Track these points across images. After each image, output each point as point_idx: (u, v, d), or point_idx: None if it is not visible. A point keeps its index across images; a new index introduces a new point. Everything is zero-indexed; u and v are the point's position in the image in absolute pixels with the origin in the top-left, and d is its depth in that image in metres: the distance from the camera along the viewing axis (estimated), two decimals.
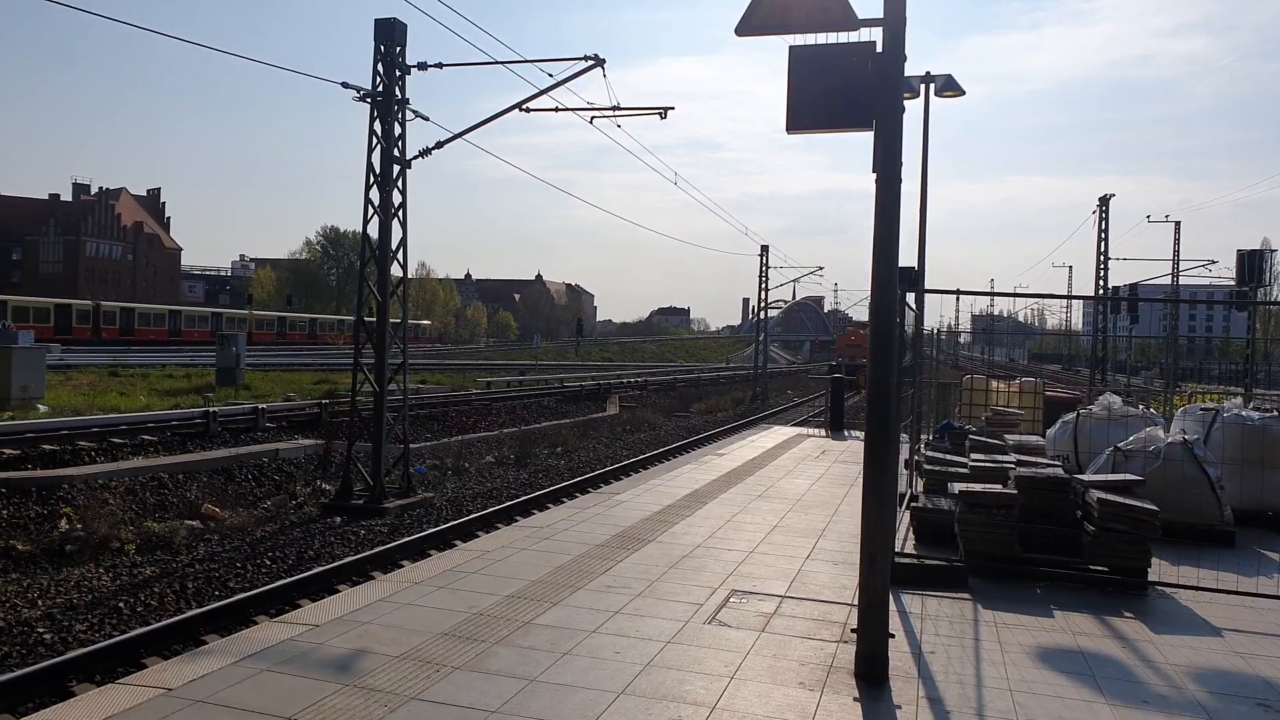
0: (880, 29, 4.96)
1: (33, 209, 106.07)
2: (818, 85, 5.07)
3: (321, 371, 39.08)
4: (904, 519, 8.66)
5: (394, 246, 16.97)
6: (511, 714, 4.28)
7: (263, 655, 4.89)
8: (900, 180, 5.02)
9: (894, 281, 5.10)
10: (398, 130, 17.04)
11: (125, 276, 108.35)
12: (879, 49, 4.95)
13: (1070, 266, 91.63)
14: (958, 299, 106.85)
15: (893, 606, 6.18)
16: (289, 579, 9.37)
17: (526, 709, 4.34)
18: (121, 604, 8.77)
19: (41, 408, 19.85)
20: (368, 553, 10.57)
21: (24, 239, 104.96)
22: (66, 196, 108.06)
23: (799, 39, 5.14)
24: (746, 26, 5.22)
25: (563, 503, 12.74)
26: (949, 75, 18.97)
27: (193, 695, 4.32)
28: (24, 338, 29.88)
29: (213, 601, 8.83)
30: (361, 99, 16.79)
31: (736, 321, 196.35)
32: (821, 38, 5.11)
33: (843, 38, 5.08)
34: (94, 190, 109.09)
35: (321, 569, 9.79)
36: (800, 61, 5.10)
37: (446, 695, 4.46)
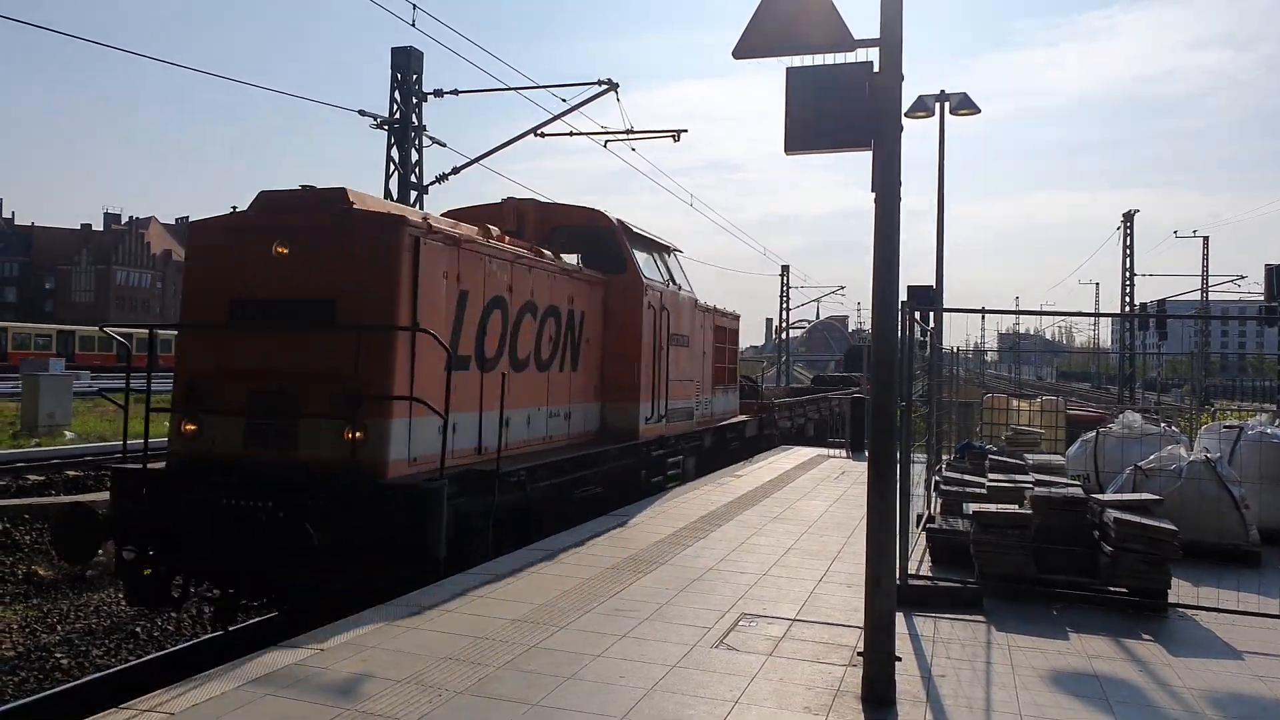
0: (877, 49, 4.97)
1: (66, 239, 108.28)
2: (815, 106, 5.08)
3: None
4: (920, 540, 8.57)
5: None
6: None
7: (267, 680, 4.90)
8: (899, 199, 5.01)
9: (895, 301, 5.07)
10: (415, 156, 17.25)
11: (154, 304, 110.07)
12: (875, 69, 4.95)
13: (1097, 284, 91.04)
14: (983, 318, 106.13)
15: (904, 629, 6.12)
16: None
17: None
18: (139, 629, 8.84)
19: (68, 434, 20.14)
20: None
21: (57, 268, 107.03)
22: (98, 226, 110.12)
23: (797, 60, 5.16)
24: (744, 49, 5.24)
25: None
26: (964, 93, 18.97)
27: None
28: (54, 365, 30.39)
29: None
30: (379, 126, 17.03)
31: (760, 341, 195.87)
32: (819, 59, 5.14)
33: (840, 58, 5.10)
34: (124, 219, 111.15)
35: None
36: (797, 83, 5.12)
37: (447, 719, 4.45)
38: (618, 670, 5.26)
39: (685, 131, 21.20)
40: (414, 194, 18.33)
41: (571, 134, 20.01)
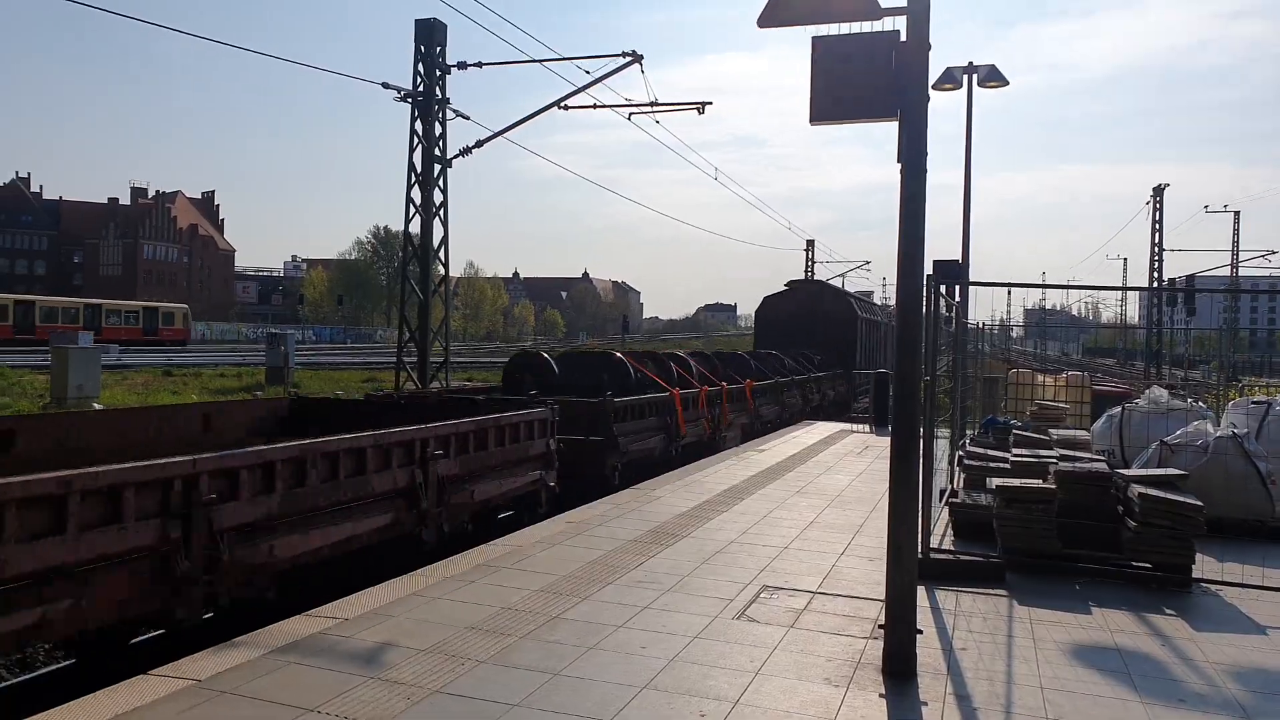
0: (904, 18, 4.89)
1: (93, 213, 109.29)
2: (841, 76, 5.01)
3: (366, 369, 39.70)
4: (943, 514, 8.55)
5: (436, 245, 17.14)
6: (532, 707, 4.31)
7: (291, 648, 4.98)
8: (925, 172, 4.95)
9: (919, 274, 5.03)
10: (438, 129, 17.22)
11: (181, 278, 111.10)
12: (902, 38, 4.88)
13: (1125, 259, 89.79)
14: (1009, 293, 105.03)
15: (926, 602, 6.13)
16: None
17: (547, 702, 4.37)
18: None
19: (96, 406, 20.43)
20: None
21: (84, 242, 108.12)
22: (125, 200, 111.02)
23: (823, 30, 5.09)
24: (769, 18, 5.18)
25: (602, 499, 12.77)
26: (992, 65, 18.66)
27: (220, 686, 4.41)
28: (83, 339, 30.78)
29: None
30: (402, 99, 17.00)
31: None
32: (845, 28, 5.07)
33: (866, 27, 5.03)
34: (151, 194, 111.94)
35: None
36: (823, 52, 5.05)
37: (469, 689, 4.50)
38: (639, 641, 5.30)
39: (710, 104, 21.05)
40: (437, 167, 18.33)
41: (595, 106, 19.91)
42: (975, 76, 19.60)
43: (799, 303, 32.78)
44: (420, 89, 17.84)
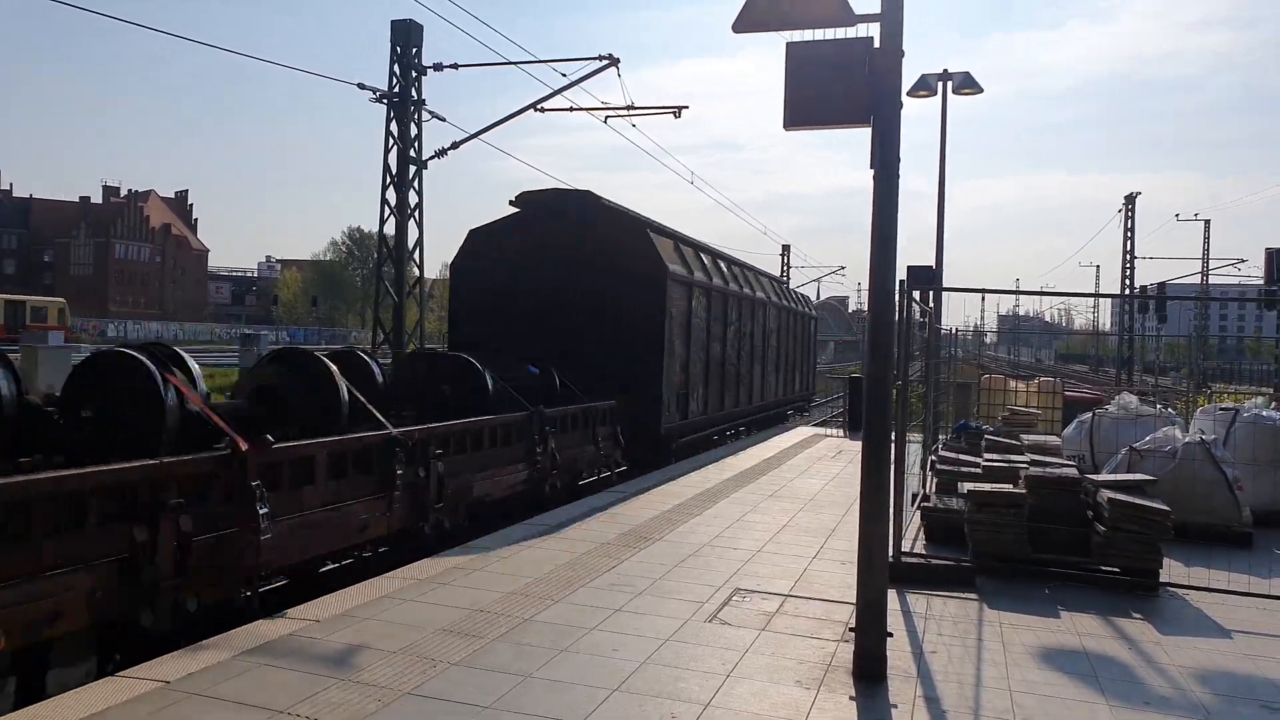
0: (878, 24, 4.94)
1: (64, 211, 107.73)
2: (815, 81, 5.05)
3: None
4: (915, 518, 8.61)
5: (411, 246, 17.06)
6: (503, 709, 4.30)
7: (262, 650, 4.94)
8: (898, 177, 5.00)
9: (891, 279, 5.07)
10: (414, 131, 17.15)
11: (154, 278, 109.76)
12: (876, 44, 4.92)
13: (1097, 266, 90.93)
14: (983, 298, 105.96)
15: (897, 606, 6.17)
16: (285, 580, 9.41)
17: (518, 705, 4.36)
18: None
19: None
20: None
21: (55, 241, 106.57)
22: (97, 199, 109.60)
23: (797, 35, 5.13)
24: (743, 23, 5.21)
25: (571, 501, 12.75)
26: (966, 73, 18.85)
27: (190, 689, 4.36)
28: (53, 337, 30.37)
29: None
30: (378, 100, 16.92)
31: None
32: (820, 34, 5.11)
33: (841, 34, 5.07)
34: (123, 193, 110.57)
35: (326, 568, 9.83)
36: (797, 58, 5.09)
37: (440, 691, 4.48)
38: (612, 643, 5.30)
39: (686, 108, 21.04)
40: (413, 169, 18.26)
41: (572, 109, 19.88)
42: (950, 84, 19.81)
43: (544, 244, 14.55)
44: (396, 90, 17.79)
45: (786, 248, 45.74)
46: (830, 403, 43.23)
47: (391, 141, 17.76)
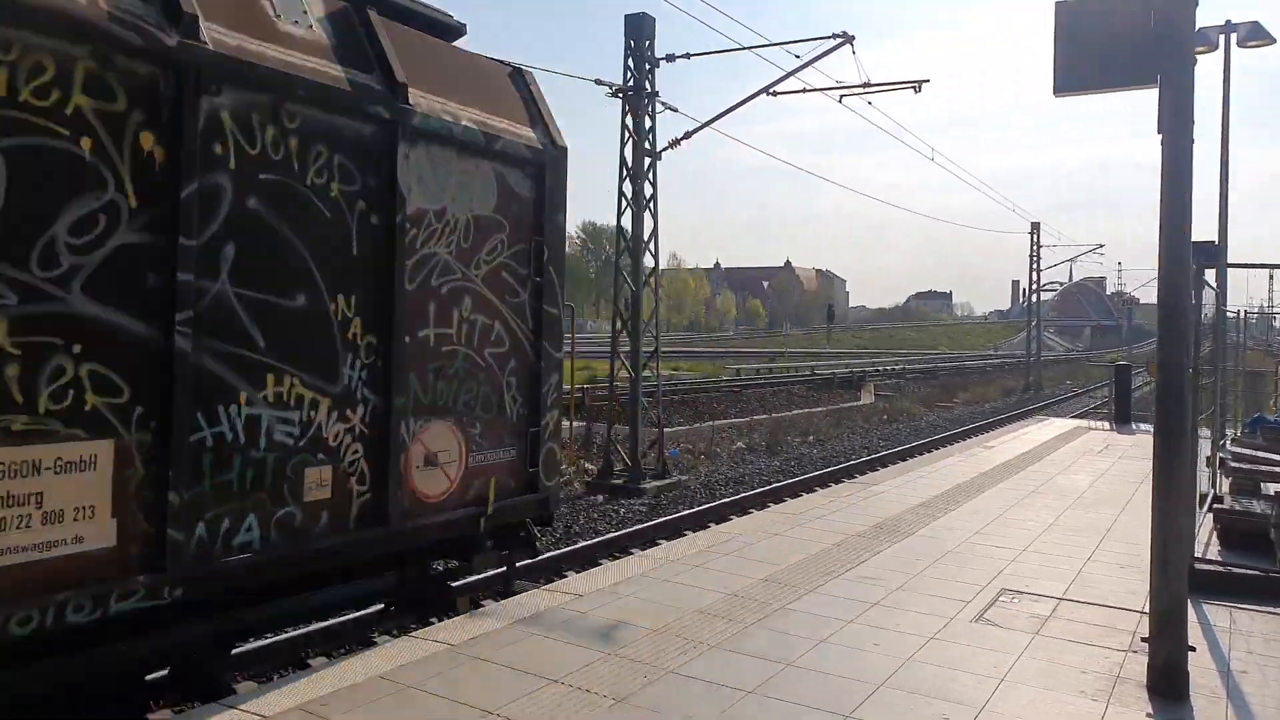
0: None
1: None
2: (1089, 41, 4.61)
3: (582, 358, 41.12)
4: (1205, 521, 7.75)
5: (645, 237, 17.43)
6: (769, 695, 4.27)
7: (534, 620, 5.20)
8: (1192, 143, 4.45)
9: (1185, 255, 4.55)
10: (648, 123, 17.48)
11: None
12: None
13: None
14: (1270, 276, 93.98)
15: (1194, 617, 5.56)
16: (556, 551, 9.90)
17: (784, 691, 4.31)
18: None
19: None
20: (627, 530, 10.96)
21: None
22: None
23: None
24: None
25: (815, 491, 12.55)
26: (1254, 22, 16.67)
27: (473, 653, 4.67)
28: None
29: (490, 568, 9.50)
30: (613, 94, 17.37)
31: (1005, 305, 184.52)
32: None
33: None
34: None
35: (585, 544, 10.27)
36: (1068, 17, 4.66)
37: (703, 671, 4.52)
38: (870, 638, 5.13)
39: (927, 82, 20.11)
40: (647, 160, 18.62)
41: (805, 91, 19.50)
42: (1234, 36, 17.62)
43: None
44: (630, 83, 18.17)
45: (1036, 225, 42.62)
46: (1089, 392, 39.99)
47: (627, 134, 18.17)
